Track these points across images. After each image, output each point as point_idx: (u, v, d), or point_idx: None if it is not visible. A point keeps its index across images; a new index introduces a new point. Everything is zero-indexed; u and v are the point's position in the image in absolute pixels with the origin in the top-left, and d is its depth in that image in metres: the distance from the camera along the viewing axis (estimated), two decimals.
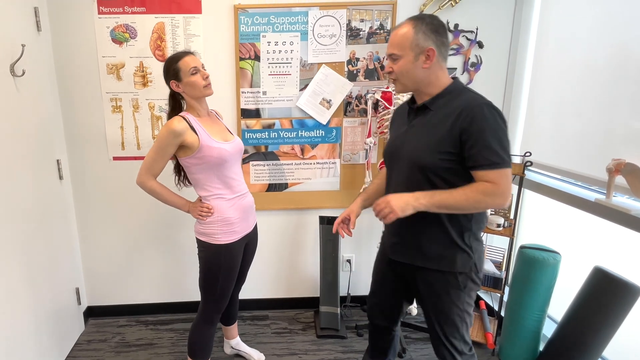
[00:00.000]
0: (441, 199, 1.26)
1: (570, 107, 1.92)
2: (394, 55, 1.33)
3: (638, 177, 1.52)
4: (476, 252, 1.38)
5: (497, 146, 1.22)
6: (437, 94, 1.34)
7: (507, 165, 1.24)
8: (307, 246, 2.54)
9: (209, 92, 1.63)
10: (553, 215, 2.15)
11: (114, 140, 2.27)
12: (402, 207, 1.26)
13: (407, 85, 1.37)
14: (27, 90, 1.87)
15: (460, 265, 1.36)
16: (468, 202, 1.25)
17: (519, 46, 2.22)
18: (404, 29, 1.31)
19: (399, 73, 1.34)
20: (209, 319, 1.76)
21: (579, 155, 1.88)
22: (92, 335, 2.39)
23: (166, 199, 1.67)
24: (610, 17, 1.69)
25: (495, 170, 1.23)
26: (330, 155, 2.36)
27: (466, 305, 1.41)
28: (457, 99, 1.30)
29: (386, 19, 2.19)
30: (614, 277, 1.66)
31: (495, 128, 1.23)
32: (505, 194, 1.24)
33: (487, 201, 1.24)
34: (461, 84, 1.37)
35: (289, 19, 2.16)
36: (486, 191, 1.23)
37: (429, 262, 1.39)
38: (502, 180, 1.23)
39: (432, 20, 1.31)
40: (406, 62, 1.31)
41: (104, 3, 2.11)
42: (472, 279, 1.39)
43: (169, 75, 1.62)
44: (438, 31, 1.30)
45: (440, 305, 1.41)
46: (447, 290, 1.39)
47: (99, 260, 2.45)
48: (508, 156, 1.25)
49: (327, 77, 2.24)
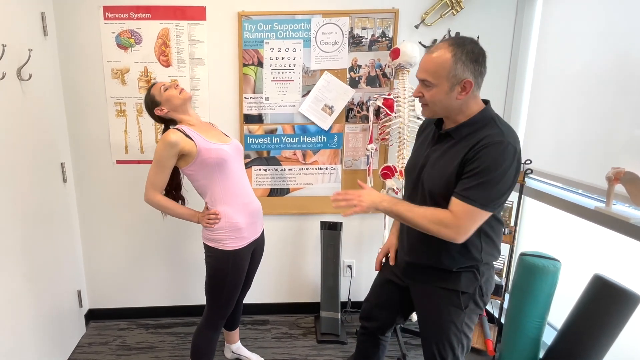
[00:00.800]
0: (400, 211, 1.27)
1: (570, 115, 1.94)
2: (427, 82, 1.24)
3: (637, 185, 1.53)
4: (484, 275, 1.35)
5: (487, 188, 1.17)
6: (462, 123, 1.27)
7: (481, 208, 1.19)
8: (308, 251, 2.55)
9: (187, 95, 1.67)
10: (553, 222, 2.16)
11: (118, 144, 2.29)
12: (368, 207, 1.26)
13: (437, 112, 1.30)
14: (33, 94, 1.89)
15: (464, 285, 1.34)
16: (422, 224, 1.24)
17: (520, 54, 2.24)
18: (442, 54, 1.20)
19: (430, 101, 1.27)
20: (213, 324, 1.76)
21: (579, 163, 1.89)
22: (93, 338, 2.40)
23: (175, 211, 1.68)
24: (612, 27, 1.71)
25: (466, 205, 1.19)
26: (331, 160, 2.38)
27: (465, 326, 1.38)
28: (480, 131, 1.23)
29: (388, 27, 2.21)
30: (613, 285, 1.66)
31: (497, 171, 1.17)
32: (460, 231, 1.21)
33: (441, 230, 1.22)
34: (490, 114, 1.27)
35: (292, 26, 2.19)
36: (443, 221, 1.21)
37: (438, 279, 1.38)
38: (465, 218, 1.20)
39: (473, 48, 1.21)
40: (440, 91, 1.23)
41: (110, 9, 2.14)
42: (475, 300, 1.36)
43: (151, 106, 1.69)
44: (478, 60, 1.21)
45: (438, 323, 1.39)
46: (448, 309, 1.36)
47: (101, 263, 2.46)
48: (492, 202, 1.19)
49: (329, 83, 2.27)
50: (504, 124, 1.26)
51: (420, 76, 1.26)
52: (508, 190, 1.21)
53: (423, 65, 1.25)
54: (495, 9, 2.22)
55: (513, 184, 1.22)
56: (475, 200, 1.18)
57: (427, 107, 1.30)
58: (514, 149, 1.19)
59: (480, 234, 1.30)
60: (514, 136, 1.23)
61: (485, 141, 1.19)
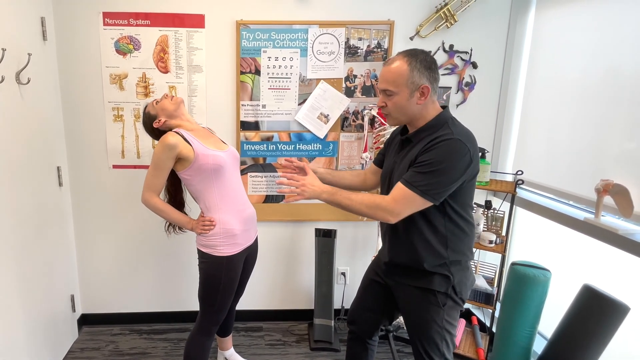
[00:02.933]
0: (339, 200, 1.38)
1: (561, 127, 1.98)
2: (388, 91, 1.34)
3: (625, 197, 1.57)
4: (456, 275, 1.41)
5: (430, 178, 1.27)
6: (420, 127, 1.38)
7: (421, 195, 1.28)
8: (302, 258, 2.56)
9: (178, 99, 1.72)
10: (544, 232, 2.19)
11: (115, 149, 2.30)
12: (310, 196, 1.38)
13: (400, 120, 1.40)
14: (31, 97, 1.91)
15: (437, 285, 1.41)
16: (360, 209, 1.35)
17: (512, 67, 2.28)
18: (398, 65, 1.32)
19: (392, 109, 1.37)
20: (206, 330, 1.76)
21: (569, 175, 1.93)
22: (86, 343, 2.39)
23: (170, 215, 1.69)
24: (602, 40, 1.75)
25: (407, 189, 1.29)
26: (327, 168, 2.40)
27: (446, 323, 1.43)
28: (435, 133, 1.33)
29: (383, 38, 2.25)
30: (602, 295, 1.69)
31: (443, 164, 1.26)
32: (393, 212, 1.31)
33: (377, 213, 1.33)
34: (446, 116, 1.37)
35: (289, 36, 2.22)
36: (380, 205, 1.33)
37: (413, 278, 1.45)
38: (402, 201, 1.30)
39: (425, 57, 1.33)
40: (401, 98, 1.33)
41: (109, 15, 2.16)
42: (453, 298, 1.42)
43: (148, 121, 1.75)
44: (431, 67, 1.33)
45: (419, 322, 1.46)
46: (427, 307, 1.43)
47: (95, 268, 2.46)
48: (432, 191, 1.28)
49: (325, 92, 2.30)
50: (458, 125, 1.36)
51: (382, 87, 1.36)
52: (452, 183, 1.29)
53: (383, 77, 1.36)
54: (488, 22, 2.27)
55: (459, 178, 1.29)
56: (417, 187, 1.28)
57: (390, 116, 1.40)
58: (464, 147, 1.27)
59: (445, 231, 1.38)
60: (467, 136, 1.31)
61: (438, 140, 1.29)
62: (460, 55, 2.30)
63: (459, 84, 2.33)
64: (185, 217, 1.72)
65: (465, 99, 2.35)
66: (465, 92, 2.35)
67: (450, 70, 2.31)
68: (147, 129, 1.79)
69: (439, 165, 1.26)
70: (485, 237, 2.14)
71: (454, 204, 1.35)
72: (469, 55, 2.30)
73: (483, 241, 2.15)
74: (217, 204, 1.67)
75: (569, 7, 1.93)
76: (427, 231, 1.38)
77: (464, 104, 2.36)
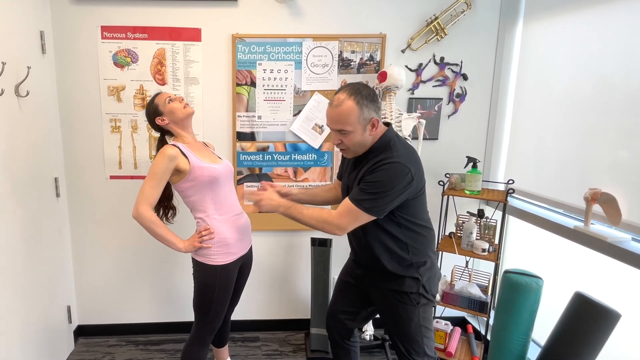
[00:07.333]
0: (292, 213, 1.50)
1: (550, 136, 2.02)
2: (343, 131, 1.41)
3: (613, 206, 1.60)
4: (424, 275, 1.53)
5: (374, 199, 1.37)
6: (369, 149, 1.47)
7: (361, 207, 1.39)
8: (298, 267, 2.57)
9: (190, 110, 1.72)
10: (536, 241, 2.21)
11: (112, 160, 2.33)
12: (267, 210, 1.53)
13: (358, 152, 1.49)
14: (30, 110, 1.94)
15: (408, 286, 1.52)
16: (310, 223, 1.47)
17: (502, 78, 2.33)
18: (348, 105, 1.38)
19: (350, 145, 1.45)
20: (201, 340, 1.77)
21: (559, 184, 1.96)
22: (82, 354, 2.38)
23: (162, 231, 1.64)
24: (590, 51, 1.79)
25: (353, 206, 1.39)
26: (321, 178, 2.43)
27: (422, 319, 1.54)
28: (379, 155, 1.43)
29: (376, 51, 2.30)
30: (594, 303, 1.70)
31: (386, 187, 1.36)
32: (340, 227, 1.44)
33: (323, 227, 1.46)
34: (389, 137, 1.47)
35: (284, 49, 2.27)
36: (327, 220, 1.45)
37: (385, 282, 1.55)
38: (348, 216, 1.41)
39: (367, 91, 1.41)
40: (356, 135, 1.41)
41: (107, 29, 2.20)
42: (425, 296, 1.54)
43: (152, 115, 1.72)
44: (374, 99, 1.42)
45: (398, 322, 1.55)
46: (404, 307, 1.53)
47: (91, 279, 2.46)
48: (375, 209, 1.39)
49: (319, 104, 2.34)
50: (401, 147, 1.45)
51: (336, 127, 1.43)
52: (393, 201, 1.40)
53: (334, 119, 1.41)
54: (477, 35, 2.32)
55: (399, 196, 1.40)
56: (362, 205, 1.39)
57: (348, 150, 1.48)
58: (405, 168, 1.38)
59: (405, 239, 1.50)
60: (407, 157, 1.41)
61: (381, 163, 1.40)
62: (451, 68, 2.35)
63: (450, 95, 2.38)
64: (176, 237, 1.67)
65: (456, 109, 2.40)
66: (457, 103, 2.39)
67: (442, 82, 2.36)
68: (148, 117, 1.75)
69: (382, 187, 1.37)
70: (478, 246, 2.16)
71: (406, 215, 1.47)
72: (459, 67, 2.35)
73: (476, 249, 2.17)
74: (213, 214, 1.69)
75: (556, 19, 1.99)
76: (387, 240, 1.50)
77: (455, 114, 2.40)
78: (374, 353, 2.40)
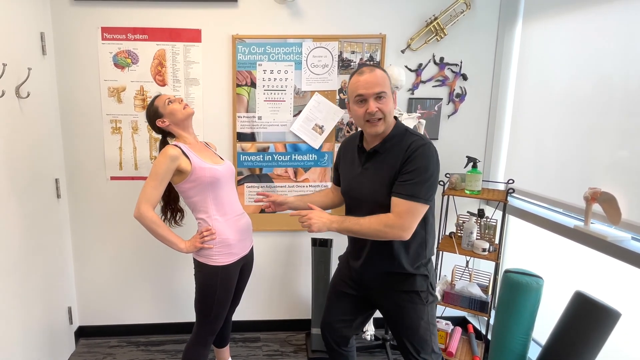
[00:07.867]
0: (349, 227, 1.42)
1: (550, 136, 2.02)
2: (383, 93, 1.38)
3: (613, 205, 1.60)
4: (430, 272, 1.55)
5: (424, 184, 1.36)
6: (384, 139, 1.45)
7: (419, 200, 1.36)
8: (299, 268, 2.57)
9: (190, 111, 1.72)
10: (536, 240, 2.21)
11: (112, 161, 2.33)
12: (319, 227, 1.42)
13: (389, 125, 1.45)
14: (30, 111, 1.94)
15: (420, 285, 1.52)
16: (370, 231, 1.39)
17: (501, 78, 2.34)
18: (380, 72, 1.40)
19: (387, 112, 1.40)
20: (203, 340, 1.77)
21: (559, 183, 1.97)
22: (83, 355, 2.38)
23: (164, 231, 1.64)
24: (589, 50, 1.80)
25: (410, 202, 1.35)
26: (322, 178, 2.43)
27: (430, 317, 1.55)
28: (403, 141, 1.42)
29: (375, 52, 2.31)
30: (594, 302, 1.71)
31: (428, 168, 1.36)
32: (404, 227, 1.36)
33: (387, 232, 1.37)
34: (402, 126, 1.48)
35: (284, 49, 2.27)
36: (388, 223, 1.37)
37: (395, 283, 1.52)
38: (408, 215, 1.36)
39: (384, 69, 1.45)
40: (390, 100, 1.41)
41: (108, 30, 2.21)
42: (431, 293, 1.55)
43: (152, 117, 1.72)
44: None
45: (409, 322, 1.53)
46: (415, 308, 1.52)
47: (92, 280, 2.47)
48: (429, 196, 1.38)
49: (319, 104, 2.34)
50: (416, 131, 1.49)
51: (376, 90, 1.37)
52: (436, 183, 1.41)
53: (373, 82, 1.37)
54: (477, 35, 2.33)
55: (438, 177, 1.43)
56: (419, 196, 1.35)
57: (382, 121, 1.41)
58: (434, 148, 1.40)
59: (425, 233, 1.49)
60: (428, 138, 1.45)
61: (413, 146, 1.38)
62: (450, 68, 2.35)
63: (450, 95, 2.39)
64: (178, 237, 1.67)
65: (456, 109, 2.40)
66: (456, 103, 2.40)
67: (441, 82, 2.36)
68: (148, 119, 1.76)
69: (427, 171, 1.36)
70: (478, 245, 2.17)
71: (431, 205, 1.46)
72: (459, 67, 2.35)
73: (477, 249, 2.18)
74: (214, 214, 1.69)
75: (555, 19, 1.99)
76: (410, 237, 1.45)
77: (455, 114, 2.41)
78: (375, 353, 2.40)
